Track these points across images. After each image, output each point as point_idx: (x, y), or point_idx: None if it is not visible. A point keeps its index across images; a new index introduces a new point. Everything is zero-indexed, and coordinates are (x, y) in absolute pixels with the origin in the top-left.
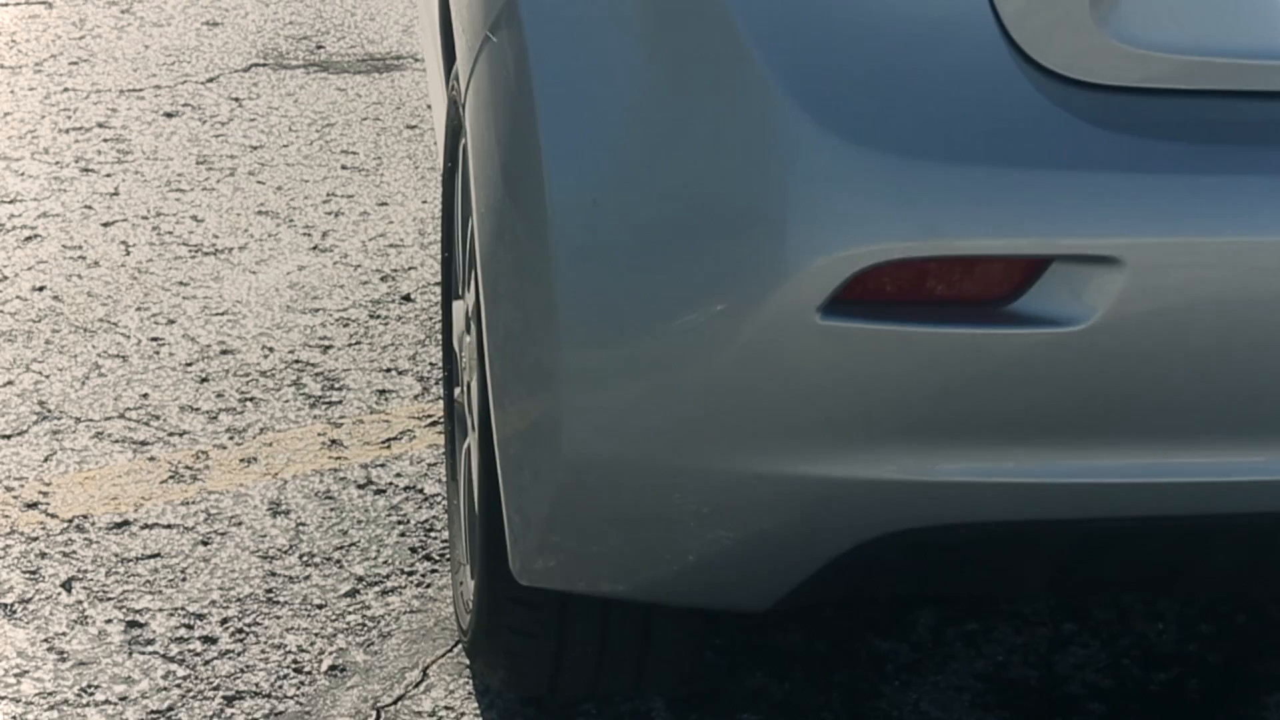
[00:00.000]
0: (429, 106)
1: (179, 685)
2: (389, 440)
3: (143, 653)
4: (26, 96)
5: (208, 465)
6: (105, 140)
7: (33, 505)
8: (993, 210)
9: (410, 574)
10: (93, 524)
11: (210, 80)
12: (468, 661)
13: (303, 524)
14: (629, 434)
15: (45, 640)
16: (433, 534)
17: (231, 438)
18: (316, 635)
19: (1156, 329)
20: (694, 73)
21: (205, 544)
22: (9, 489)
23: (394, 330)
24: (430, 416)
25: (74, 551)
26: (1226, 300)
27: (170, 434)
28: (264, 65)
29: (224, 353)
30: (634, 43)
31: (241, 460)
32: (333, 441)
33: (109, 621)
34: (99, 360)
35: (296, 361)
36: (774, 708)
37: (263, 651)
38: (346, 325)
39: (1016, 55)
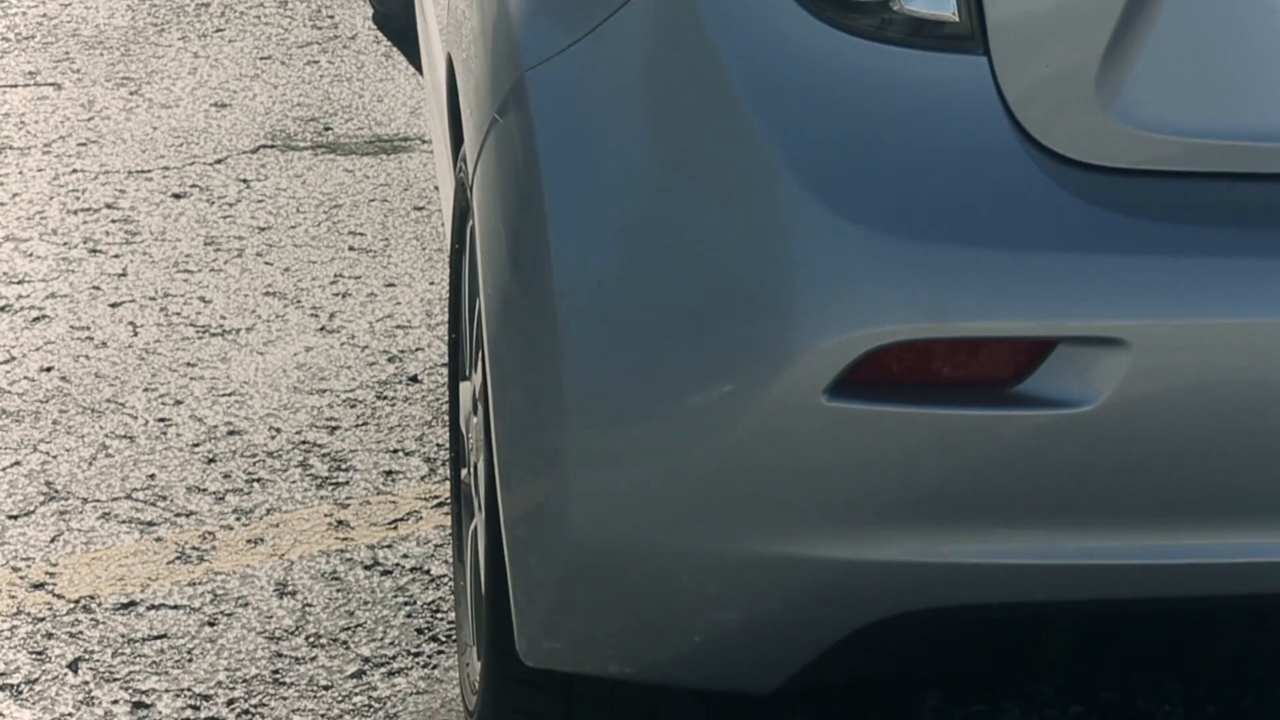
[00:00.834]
0: (436, 188)
1: None
2: (396, 521)
3: None
4: (35, 177)
5: (214, 546)
6: (113, 221)
7: (39, 585)
8: (998, 292)
9: (417, 655)
10: (99, 604)
11: (218, 161)
12: None
13: (309, 605)
14: (636, 516)
15: None
16: (439, 615)
17: (238, 518)
18: (323, 716)
19: (1162, 410)
20: (701, 154)
21: (211, 625)
22: (16, 569)
23: (401, 411)
24: (437, 497)
25: (80, 632)
26: (1232, 382)
27: (177, 514)
28: (272, 147)
29: (231, 433)
30: (641, 125)
31: (248, 541)
32: (339, 522)
33: (115, 702)
34: (106, 441)
35: (303, 442)
36: None
37: None
38: (353, 406)
39: (1022, 137)
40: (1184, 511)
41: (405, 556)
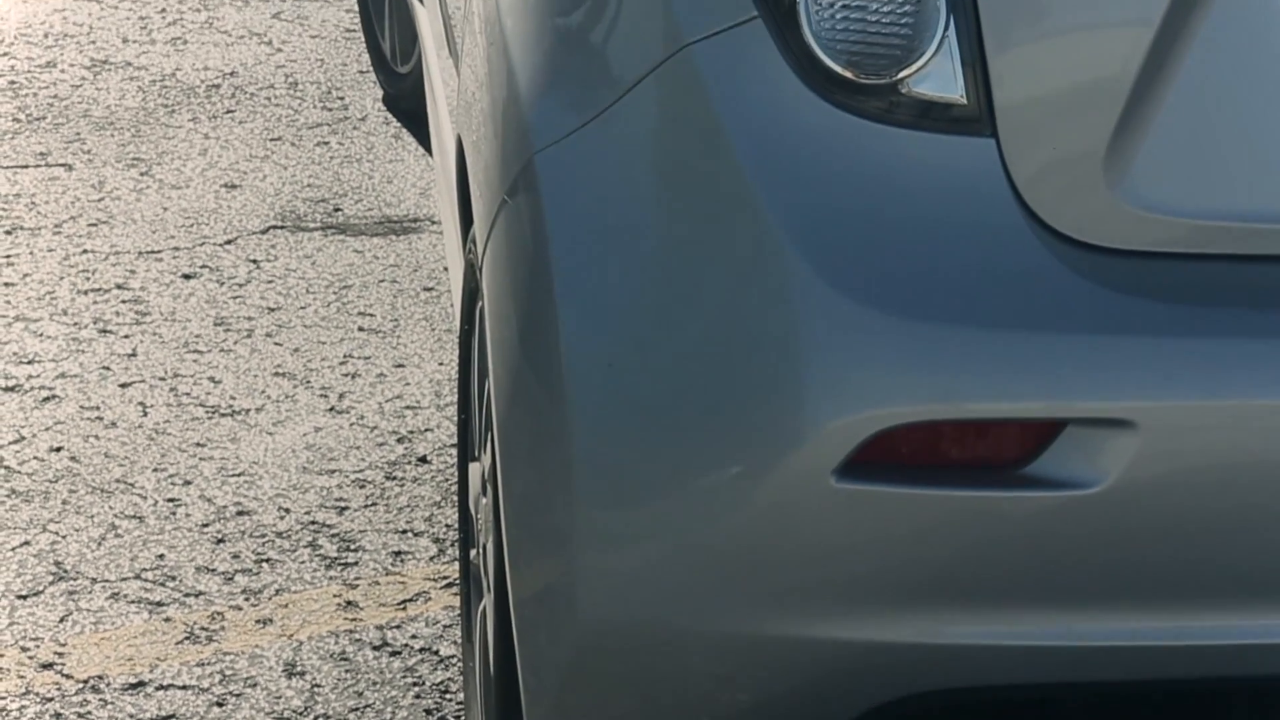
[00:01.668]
0: (446, 269)
1: None
2: (405, 602)
3: None
4: (45, 258)
5: (223, 626)
6: (123, 302)
7: (48, 665)
8: (1007, 374)
9: None
10: (108, 685)
11: (228, 242)
12: None
13: (318, 685)
14: (645, 596)
15: None
16: (448, 696)
17: (247, 598)
18: None
19: (1171, 492)
20: (709, 236)
21: (220, 705)
22: (25, 649)
23: (410, 492)
24: (446, 578)
25: (89, 713)
26: (1241, 464)
27: (186, 595)
28: (282, 228)
29: (240, 514)
30: (650, 207)
31: (257, 621)
32: (348, 603)
33: None
34: (116, 521)
35: (313, 523)
36: None
37: None
38: (363, 487)
39: (1030, 219)
40: (1193, 593)
41: (414, 637)
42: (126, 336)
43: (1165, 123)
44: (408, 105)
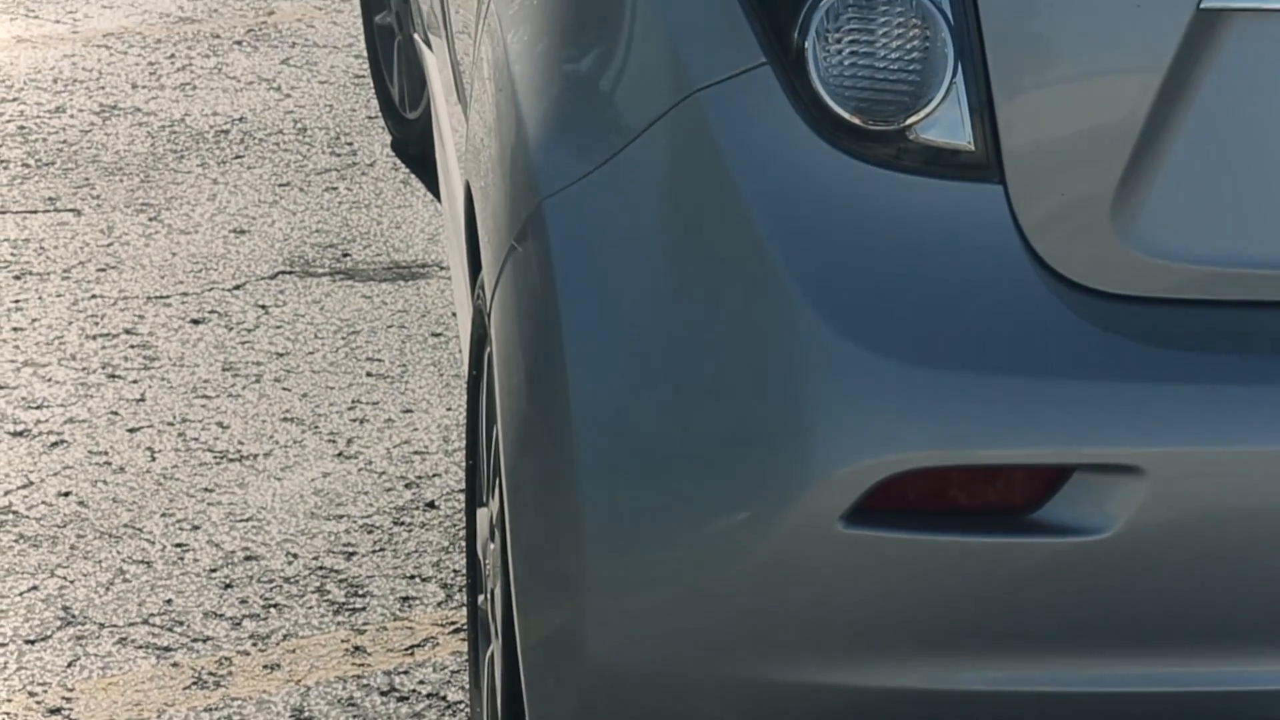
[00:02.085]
0: (454, 314)
1: None
2: (412, 647)
3: None
4: (54, 303)
5: (231, 672)
6: (132, 347)
7: (55, 711)
8: (1014, 420)
9: None
10: None
11: (237, 287)
12: None
13: None
14: (652, 642)
15: None
16: None
17: (255, 644)
18: None
19: (1179, 538)
20: (717, 282)
21: None
22: (32, 694)
23: (418, 537)
24: (454, 624)
25: None
26: (1249, 510)
27: (194, 640)
28: (290, 273)
29: (248, 559)
30: (658, 253)
31: (265, 667)
32: (356, 648)
33: None
34: (123, 566)
35: (320, 568)
36: None
37: None
38: (370, 532)
39: (1037, 265)
40: (1202, 639)
41: (422, 683)
42: (135, 381)
43: (1172, 169)
44: (416, 151)
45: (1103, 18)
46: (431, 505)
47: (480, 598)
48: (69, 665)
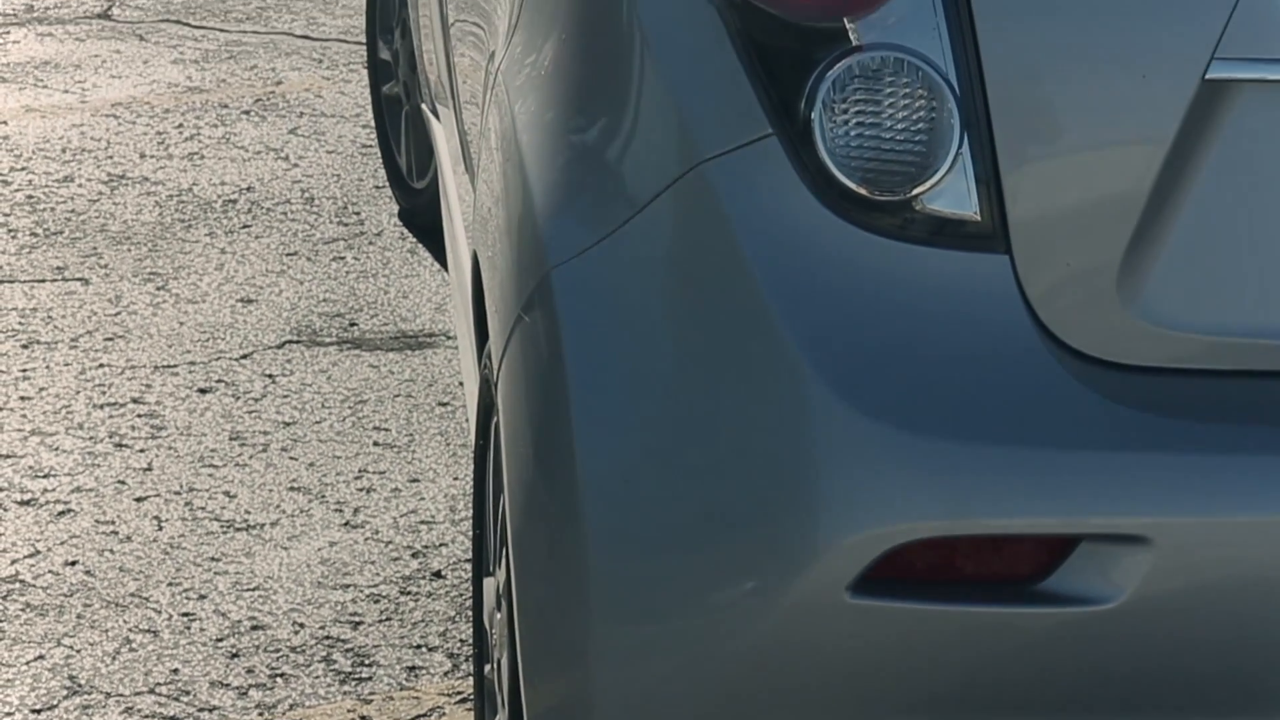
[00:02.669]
0: (461, 384)
1: None
2: (419, 717)
3: None
4: (62, 372)
5: None
6: (139, 416)
7: None
8: (1021, 490)
9: None
10: None
11: (244, 357)
12: None
13: None
14: (660, 712)
15: None
16: None
17: (261, 714)
18: None
19: (1186, 608)
20: (725, 352)
21: None
22: None
23: (425, 607)
24: (460, 694)
25: None
26: (1256, 579)
27: (200, 709)
28: (298, 342)
29: (255, 628)
30: (665, 323)
31: None
32: (363, 718)
33: None
34: (130, 635)
35: (327, 638)
36: None
37: None
38: (377, 601)
39: (1043, 335)
40: (1210, 708)
41: None
42: (142, 451)
43: (1178, 239)
44: (424, 220)
45: (1108, 88)
46: (438, 575)
47: (487, 668)
48: None
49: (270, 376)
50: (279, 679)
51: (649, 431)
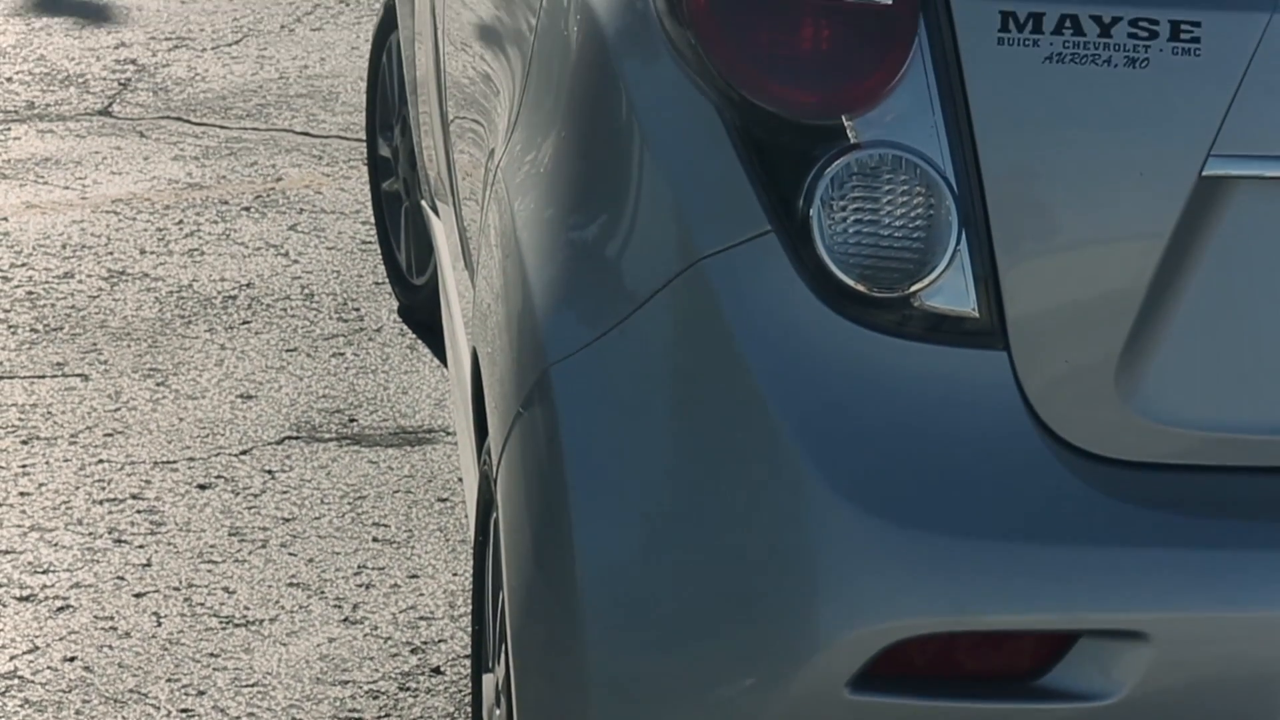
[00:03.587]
0: (461, 480)
1: None
2: None
3: None
4: (61, 468)
5: None
6: (139, 512)
7: None
8: (1020, 586)
9: None
10: None
11: (244, 453)
12: None
13: None
14: None
15: None
16: None
17: None
18: None
19: (1185, 703)
20: (724, 449)
21: None
22: None
23: (424, 703)
24: None
25: None
26: (1255, 675)
27: None
28: (297, 438)
29: None
30: (664, 419)
31: None
32: None
33: None
34: None
35: None
36: None
37: None
38: (376, 698)
39: (1042, 431)
40: None
41: None
42: (141, 546)
43: (1177, 335)
44: (423, 317)
45: (1105, 186)
46: (437, 671)
47: None
48: None
49: (270, 472)
50: None
51: (648, 528)
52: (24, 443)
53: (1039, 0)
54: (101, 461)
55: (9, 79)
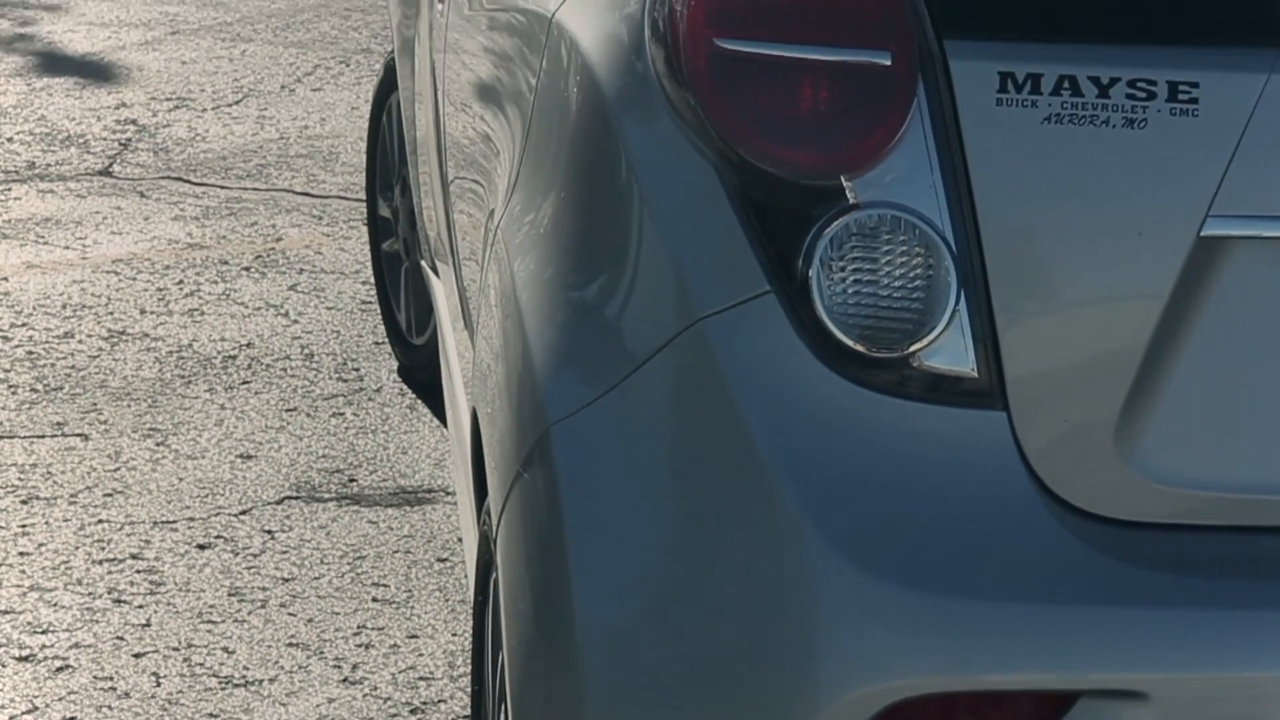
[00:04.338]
0: (460, 540)
1: None
2: None
3: None
4: (61, 528)
5: None
6: (138, 572)
7: None
8: (1020, 645)
9: None
10: None
11: (243, 513)
12: None
13: None
14: None
15: None
16: None
17: None
18: None
19: None
20: (724, 508)
21: None
22: None
23: None
24: None
25: None
26: None
27: None
28: (297, 498)
29: None
30: (664, 479)
31: None
32: None
33: None
34: None
35: None
36: None
37: None
38: None
39: (1041, 491)
40: None
41: None
42: (141, 606)
43: (1176, 395)
44: (423, 377)
45: (1104, 245)
46: None
47: None
48: None
49: (269, 532)
50: None
51: (648, 589)
52: (24, 502)
53: (1037, 61)
54: (101, 521)
55: (10, 139)
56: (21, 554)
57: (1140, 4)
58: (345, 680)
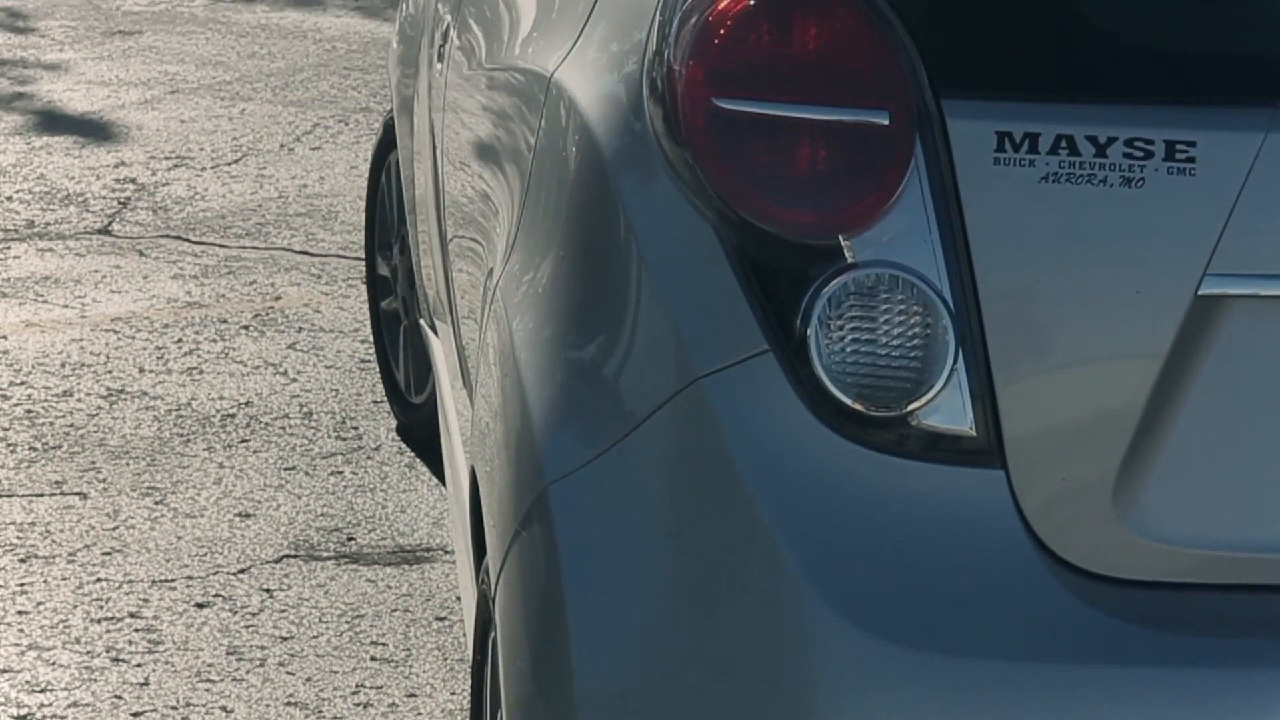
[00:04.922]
0: (459, 598)
1: None
2: None
3: None
4: (59, 586)
5: None
6: (136, 630)
7: None
8: (1017, 705)
9: None
10: None
11: (242, 571)
12: None
13: None
14: None
15: None
16: None
17: None
18: None
19: None
20: (722, 568)
21: None
22: None
23: None
24: None
25: None
26: None
27: None
28: (295, 557)
29: None
30: (662, 539)
31: None
32: None
33: None
34: None
35: None
36: None
37: None
38: None
39: (1039, 549)
40: None
41: None
42: (139, 665)
43: (1174, 454)
44: (422, 435)
45: (1102, 305)
46: None
47: None
48: None
49: (268, 591)
50: None
51: (647, 648)
52: (22, 561)
53: (1035, 120)
54: (99, 580)
55: (9, 198)
56: (20, 612)
57: (1137, 64)
58: None
